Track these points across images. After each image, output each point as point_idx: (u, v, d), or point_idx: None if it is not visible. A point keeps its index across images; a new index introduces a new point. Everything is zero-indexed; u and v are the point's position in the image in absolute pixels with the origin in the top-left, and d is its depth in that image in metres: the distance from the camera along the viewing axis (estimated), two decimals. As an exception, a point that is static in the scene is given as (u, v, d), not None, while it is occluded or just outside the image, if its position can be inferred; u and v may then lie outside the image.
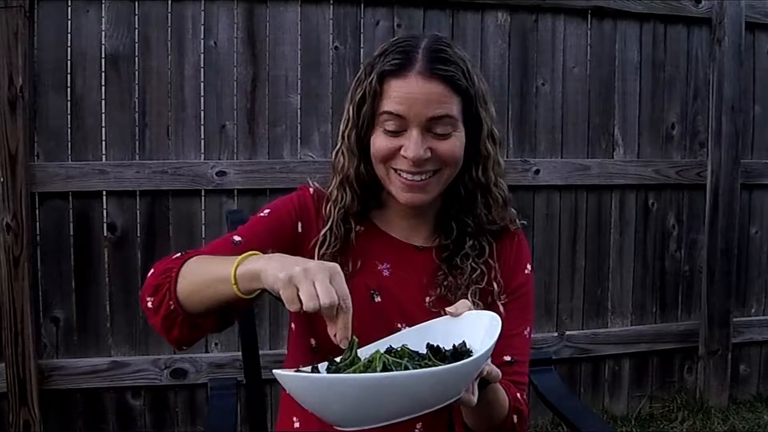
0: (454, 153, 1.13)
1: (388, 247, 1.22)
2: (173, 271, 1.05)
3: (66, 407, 2.42)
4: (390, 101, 1.10)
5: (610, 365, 2.95)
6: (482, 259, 1.20)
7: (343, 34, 2.57)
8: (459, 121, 1.12)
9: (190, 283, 1.03)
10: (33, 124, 2.33)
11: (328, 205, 1.20)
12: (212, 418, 1.42)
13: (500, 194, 1.21)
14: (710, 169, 2.96)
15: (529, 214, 2.77)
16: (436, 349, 0.94)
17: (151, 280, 1.07)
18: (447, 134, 1.11)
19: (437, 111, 1.09)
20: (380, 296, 1.19)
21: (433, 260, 1.21)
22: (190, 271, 1.04)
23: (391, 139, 1.12)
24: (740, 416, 2.93)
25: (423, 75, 1.09)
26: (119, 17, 2.37)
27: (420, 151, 1.09)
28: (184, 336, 1.07)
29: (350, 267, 1.18)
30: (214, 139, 2.49)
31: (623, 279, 2.95)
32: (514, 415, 1.14)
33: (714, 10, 2.91)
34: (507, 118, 2.74)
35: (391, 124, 1.11)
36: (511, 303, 1.21)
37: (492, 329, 0.96)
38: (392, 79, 1.10)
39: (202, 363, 2.48)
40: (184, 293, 1.03)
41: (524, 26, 2.75)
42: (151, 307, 1.06)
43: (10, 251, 2.28)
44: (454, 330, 0.99)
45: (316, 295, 0.87)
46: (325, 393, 0.83)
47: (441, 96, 1.09)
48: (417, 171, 1.11)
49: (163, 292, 1.04)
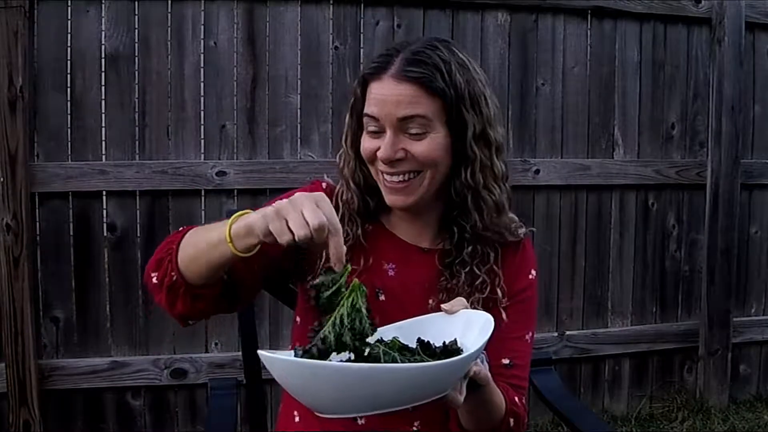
0: (428, 153, 1.13)
1: (394, 248, 1.22)
2: (174, 243, 1.07)
3: (66, 407, 2.42)
4: (368, 104, 1.14)
5: (610, 365, 2.95)
6: (486, 266, 1.19)
7: (343, 34, 2.57)
8: (435, 122, 1.12)
9: (190, 252, 1.04)
10: (33, 124, 2.33)
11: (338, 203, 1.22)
12: (212, 418, 1.42)
13: (491, 198, 1.18)
14: (710, 169, 2.96)
15: (529, 214, 2.77)
16: (426, 345, 0.95)
17: (154, 257, 1.10)
18: (421, 134, 1.12)
19: (407, 111, 1.10)
20: (384, 295, 1.20)
21: (437, 263, 1.21)
22: (189, 240, 1.06)
23: (373, 140, 1.15)
24: (740, 416, 2.93)
25: (395, 77, 1.11)
26: (119, 17, 2.37)
27: (389, 150, 1.11)
28: (188, 309, 1.08)
29: (360, 264, 1.19)
30: (214, 139, 2.49)
31: (623, 279, 2.95)
32: (511, 418, 1.13)
33: (714, 10, 2.91)
34: (507, 118, 2.74)
35: (371, 126, 1.14)
36: (513, 306, 1.21)
37: (484, 330, 0.95)
38: (371, 82, 1.14)
39: (202, 363, 2.48)
40: (185, 262, 1.05)
41: (524, 26, 2.75)
42: (156, 282, 1.08)
43: (10, 251, 2.28)
44: (448, 327, 0.99)
45: (305, 222, 0.89)
46: (307, 378, 0.83)
47: (411, 97, 1.10)
48: (393, 171, 1.13)
49: (165, 265, 1.06)
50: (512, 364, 1.19)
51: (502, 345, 1.16)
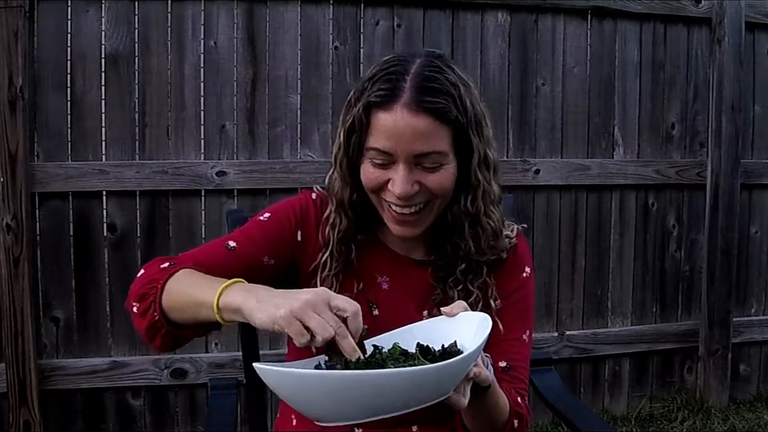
0: (443, 185, 1.09)
1: (388, 261, 1.20)
2: (159, 282, 1.04)
3: (66, 407, 2.42)
4: (376, 137, 1.07)
5: (610, 365, 2.95)
6: (478, 282, 1.17)
7: (343, 34, 2.57)
8: (449, 154, 1.08)
9: (174, 302, 1.02)
10: (33, 124, 2.33)
11: (326, 228, 1.18)
12: (212, 418, 1.42)
13: (489, 224, 1.15)
14: (710, 169, 2.96)
15: (529, 214, 2.77)
16: (425, 349, 0.94)
17: (137, 288, 1.07)
18: (436, 167, 1.08)
19: (425, 148, 1.05)
20: (378, 309, 1.18)
21: (430, 278, 1.19)
22: (175, 288, 1.03)
23: (379, 171, 1.09)
24: (740, 416, 2.93)
25: (409, 108, 1.03)
26: (119, 17, 2.37)
27: (407, 187, 1.06)
28: (166, 346, 1.07)
29: (354, 288, 1.17)
30: (214, 139, 2.49)
31: (623, 279, 2.95)
32: (515, 419, 1.13)
33: (714, 10, 2.90)
34: (507, 118, 2.74)
35: (379, 159, 1.08)
36: (508, 307, 1.19)
37: (481, 330, 0.95)
38: (379, 112, 1.05)
39: (202, 363, 2.48)
40: (168, 306, 1.03)
41: (524, 26, 2.75)
42: (136, 312, 1.06)
43: (10, 251, 2.28)
44: (448, 330, 0.99)
45: (327, 324, 0.87)
46: (302, 388, 0.83)
47: (428, 131, 1.04)
48: (406, 204, 1.09)
49: (148, 301, 1.04)
50: (511, 366, 1.18)
51: (500, 347, 1.16)
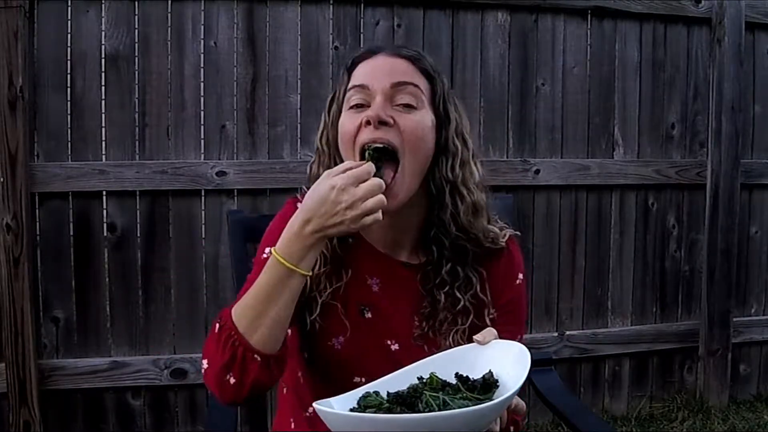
0: (415, 127, 1.10)
1: (376, 262, 1.19)
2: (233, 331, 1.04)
3: (66, 407, 2.42)
4: (355, 79, 1.14)
5: (610, 365, 2.95)
6: (470, 292, 1.17)
7: (343, 34, 2.57)
8: (424, 100, 1.13)
9: (259, 322, 1.02)
10: (33, 124, 2.33)
11: None
12: (212, 418, 1.42)
13: (470, 197, 1.15)
14: (710, 169, 2.96)
15: (529, 214, 2.78)
16: (464, 379, 0.94)
17: (217, 360, 1.06)
18: (411, 106, 1.11)
19: (401, 78, 1.11)
20: (370, 312, 1.18)
21: (419, 285, 1.18)
22: (246, 314, 1.03)
23: (356, 114, 1.12)
24: (740, 416, 2.93)
25: (388, 53, 1.15)
26: (119, 17, 2.37)
27: (381, 112, 1.09)
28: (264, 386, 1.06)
29: (343, 278, 1.17)
30: (214, 139, 2.49)
31: (623, 279, 2.95)
32: (511, 426, 1.13)
33: (714, 10, 2.91)
34: (507, 118, 2.74)
35: (356, 98, 1.12)
36: (502, 317, 1.19)
37: (522, 361, 0.95)
38: (359, 63, 1.15)
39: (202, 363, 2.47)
40: (262, 337, 1.02)
41: (524, 26, 2.75)
42: (234, 382, 1.04)
43: (10, 251, 2.28)
44: (482, 359, 0.99)
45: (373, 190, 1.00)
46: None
47: (405, 68, 1.13)
48: (375, 138, 1.08)
49: (239, 359, 1.03)
50: None
51: None
